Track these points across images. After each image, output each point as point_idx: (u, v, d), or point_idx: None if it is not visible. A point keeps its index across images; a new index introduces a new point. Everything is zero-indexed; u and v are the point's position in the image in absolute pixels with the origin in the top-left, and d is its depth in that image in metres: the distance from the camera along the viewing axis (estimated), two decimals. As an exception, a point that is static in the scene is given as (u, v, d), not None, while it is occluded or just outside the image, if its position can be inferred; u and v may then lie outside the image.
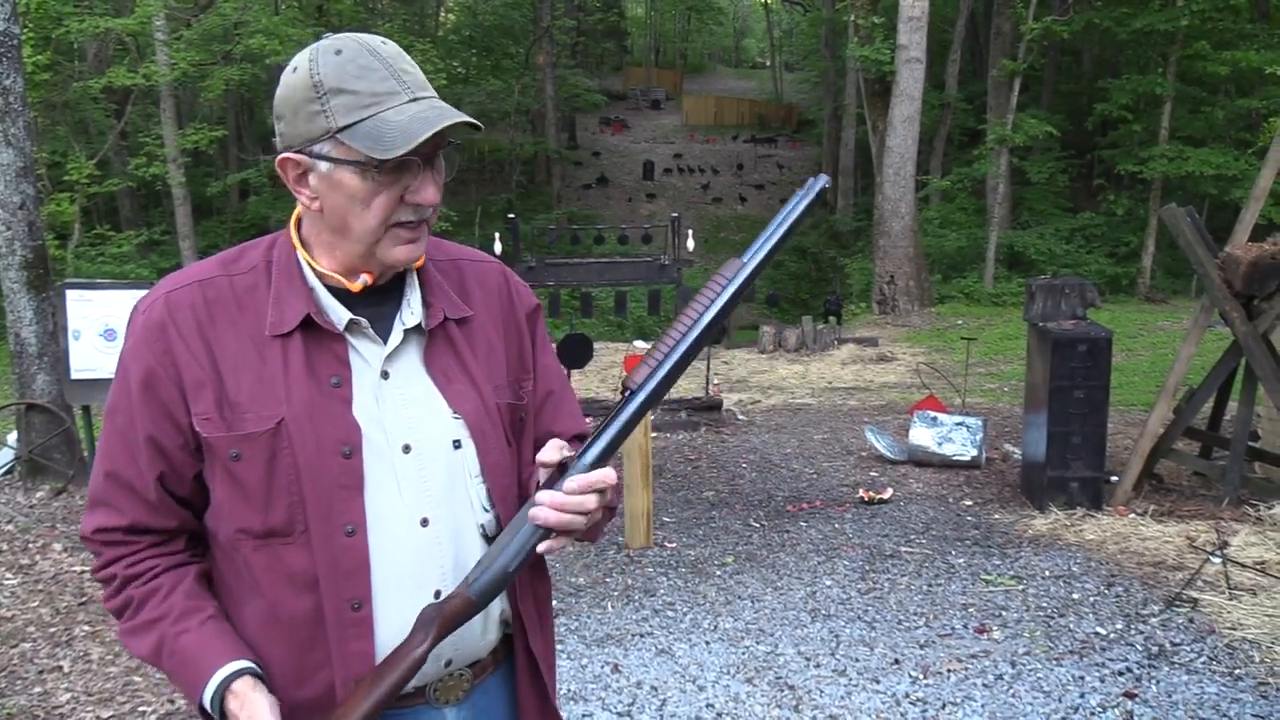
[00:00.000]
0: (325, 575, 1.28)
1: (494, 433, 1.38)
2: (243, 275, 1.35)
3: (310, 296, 1.32)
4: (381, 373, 1.34)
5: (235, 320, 1.31)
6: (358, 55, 1.25)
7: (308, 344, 1.31)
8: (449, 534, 1.34)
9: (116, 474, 1.33)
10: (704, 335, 1.26)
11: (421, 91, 1.26)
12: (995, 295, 18.73)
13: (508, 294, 1.50)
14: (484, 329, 1.45)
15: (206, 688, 1.27)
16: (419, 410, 1.35)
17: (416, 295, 1.39)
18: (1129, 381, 10.53)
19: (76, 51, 19.13)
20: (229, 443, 1.27)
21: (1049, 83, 24.22)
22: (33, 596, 4.80)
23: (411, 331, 1.37)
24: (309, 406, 1.28)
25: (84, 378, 6.22)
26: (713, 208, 30.39)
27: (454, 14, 34.40)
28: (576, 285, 16.38)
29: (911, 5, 17.03)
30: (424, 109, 1.23)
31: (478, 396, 1.39)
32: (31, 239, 6.38)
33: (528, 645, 1.45)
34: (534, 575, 1.48)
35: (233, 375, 1.29)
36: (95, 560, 1.39)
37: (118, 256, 16.71)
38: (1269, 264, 5.47)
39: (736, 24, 58.26)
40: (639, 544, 5.49)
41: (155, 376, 1.29)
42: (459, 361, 1.40)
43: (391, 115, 1.22)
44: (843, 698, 3.69)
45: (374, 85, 1.23)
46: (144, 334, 1.31)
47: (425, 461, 1.34)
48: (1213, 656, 3.92)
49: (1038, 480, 5.95)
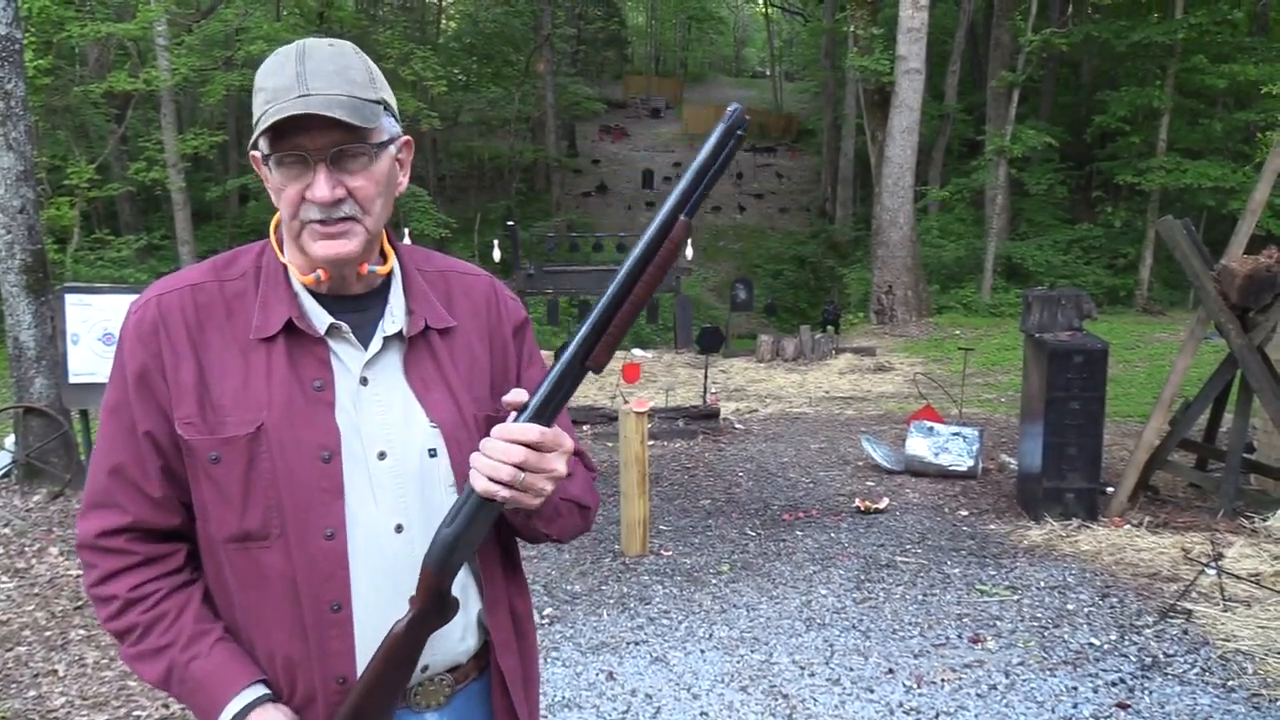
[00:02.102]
0: (304, 578, 1.30)
1: (470, 443, 1.38)
2: (233, 281, 1.37)
3: (294, 301, 1.34)
4: (360, 379, 1.36)
5: (223, 326, 1.34)
6: (283, 55, 1.29)
7: (291, 348, 1.33)
8: (422, 541, 1.34)
9: (121, 469, 1.34)
10: (634, 278, 1.19)
11: (324, 89, 1.25)
12: (993, 306, 18.75)
13: (495, 306, 1.51)
14: (467, 340, 1.45)
15: (222, 716, 1.30)
16: (395, 417, 1.36)
17: (400, 303, 1.40)
18: (1125, 393, 10.54)
19: (78, 56, 19.18)
20: (209, 446, 1.29)
21: (1048, 94, 24.29)
22: (28, 600, 4.80)
23: (392, 339, 1.39)
24: (289, 410, 1.30)
25: (82, 382, 6.22)
26: (711, 216, 30.42)
27: (455, 21, 34.50)
28: (575, 293, 16.42)
29: (911, 16, 17.08)
30: (294, 103, 1.23)
31: (455, 406, 1.40)
32: (31, 243, 6.39)
33: (498, 660, 1.45)
34: (510, 589, 1.48)
35: (218, 380, 1.31)
36: (90, 573, 1.37)
37: (117, 261, 16.72)
38: (1265, 276, 5.49)
39: (737, 33, 58.38)
40: (635, 552, 5.50)
41: (150, 374, 1.31)
42: (438, 370, 1.41)
43: (273, 110, 1.24)
44: (837, 707, 3.69)
45: (277, 82, 1.26)
46: (136, 334, 1.33)
47: (400, 468, 1.35)
48: (1206, 668, 3.93)
49: (1033, 491, 5.96)
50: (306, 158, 1.26)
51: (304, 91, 1.24)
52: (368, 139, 1.29)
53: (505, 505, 1.25)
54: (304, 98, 1.24)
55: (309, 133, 1.25)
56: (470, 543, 1.27)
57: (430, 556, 1.27)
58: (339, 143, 1.26)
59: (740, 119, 1.15)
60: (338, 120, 1.24)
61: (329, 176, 1.27)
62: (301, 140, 1.25)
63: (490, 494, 1.22)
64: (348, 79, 1.28)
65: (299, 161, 1.26)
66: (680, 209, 1.18)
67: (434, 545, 1.27)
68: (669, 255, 1.19)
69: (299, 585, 1.30)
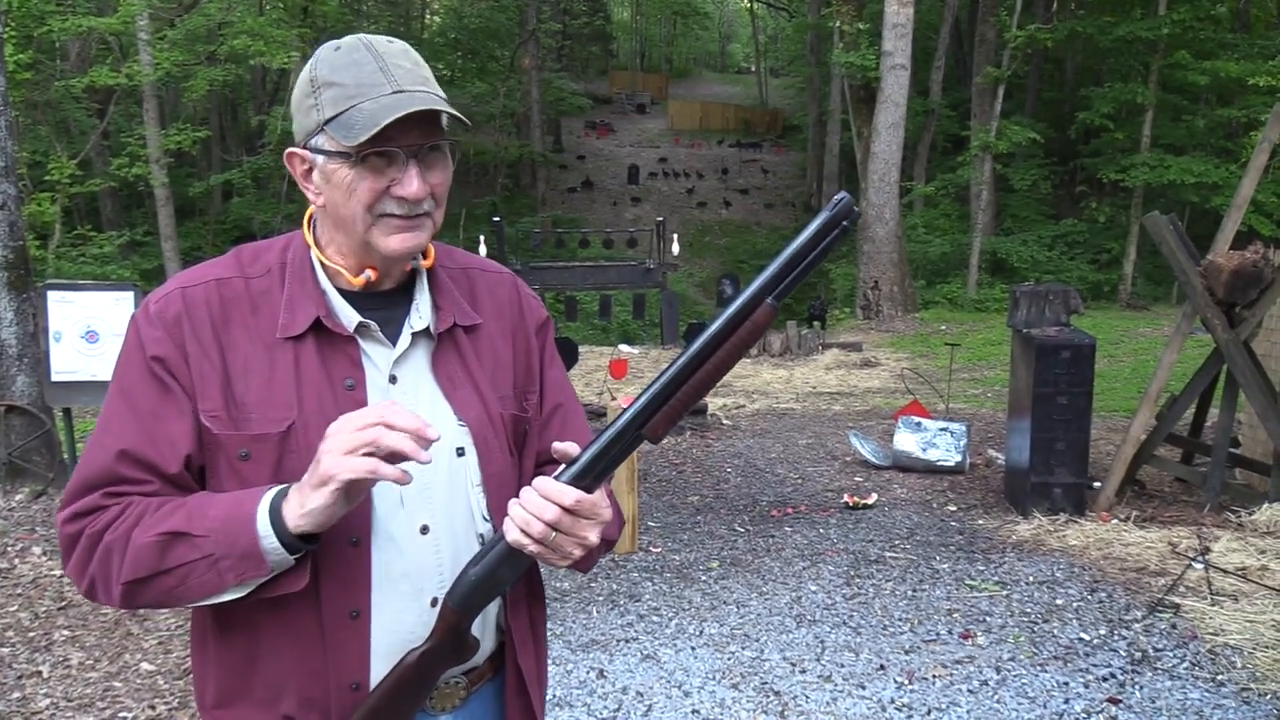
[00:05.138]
0: (326, 585, 1.27)
1: (497, 442, 1.37)
2: (259, 278, 1.33)
3: (322, 299, 1.31)
4: (390, 377, 1.33)
5: (248, 323, 1.30)
6: (353, 50, 1.26)
7: (320, 347, 1.30)
8: (448, 541, 1.33)
9: (132, 450, 1.24)
10: (705, 355, 1.15)
11: (412, 85, 1.24)
12: (979, 301, 18.83)
13: (518, 305, 1.49)
14: (492, 338, 1.43)
15: (260, 507, 1.19)
16: (424, 415, 1.33)
17: (426, 299, 1.38)
18: (1111, 388, 10.60)
19: (59, 50, 19.00)
20: (239, 442, 1.26)
21: (1032, 90, 24.41)
22: (11, 601, 4.75)
23: (420, 335, 1.36)
24: (321, 411, 1.26)
25: (65, 380, 6.16)
26: (697, 212, 30.44)
27: (439, 17, 34.40)
28: (561, 289, 16.42)
29: (896, 12, 17.12)
30: (399, 99, 1.22)
31: (482, 405, 1.38)
32: (12, 239, 6.32)
33: (517, 659, 1.44)
34: (529, 599, 1.47)
35: (241, 377, 1.27)
36: (67, 539, 1.25)
37: (99, 257, 16.60)
38: (1251, 272, 5.51)
39: (722, 29, 58.40)
40: (624, 549, 5.48)
41: (172, 361, 1.26)
42: (465, 368, 1.38)
43: (368, 105, 1.22)
44: (828, 703, 3.69)
45: (360, 77, 1.23)
46: (160, 323, 1.28)
47: (428, 468, 1.31)
48: (1195, 662, 3.94)
49: (1021, 486, 5.97)
50: (396, 154, 1.24)
51: (398, 87, 1.23)
52: (446, 134, 1.29)
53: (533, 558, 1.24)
54: (404, 94, 1.22)
55: (403, 128, 1.22)
56: (496, 586, 1.25)
57: (454, 595, 1.25)
58: (428, 139, 1.26)
59: (848, 209, 1.10)
60: (430, 116, 1.23)
61: (420, 172, 1.26)
62: (395, 135, 1.22)
63: (519, 545, 1.20)
64: (423, 75, 1.27)
65: (384, 157, 1.24)
66: (768, 292, 1.12)
67: (459, 583, 1.25)
68: (747, 337, 1.14)
69: (320, 592, 1.27)
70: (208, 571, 1.19)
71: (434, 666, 1.28)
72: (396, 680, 1.26)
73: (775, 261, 1.12)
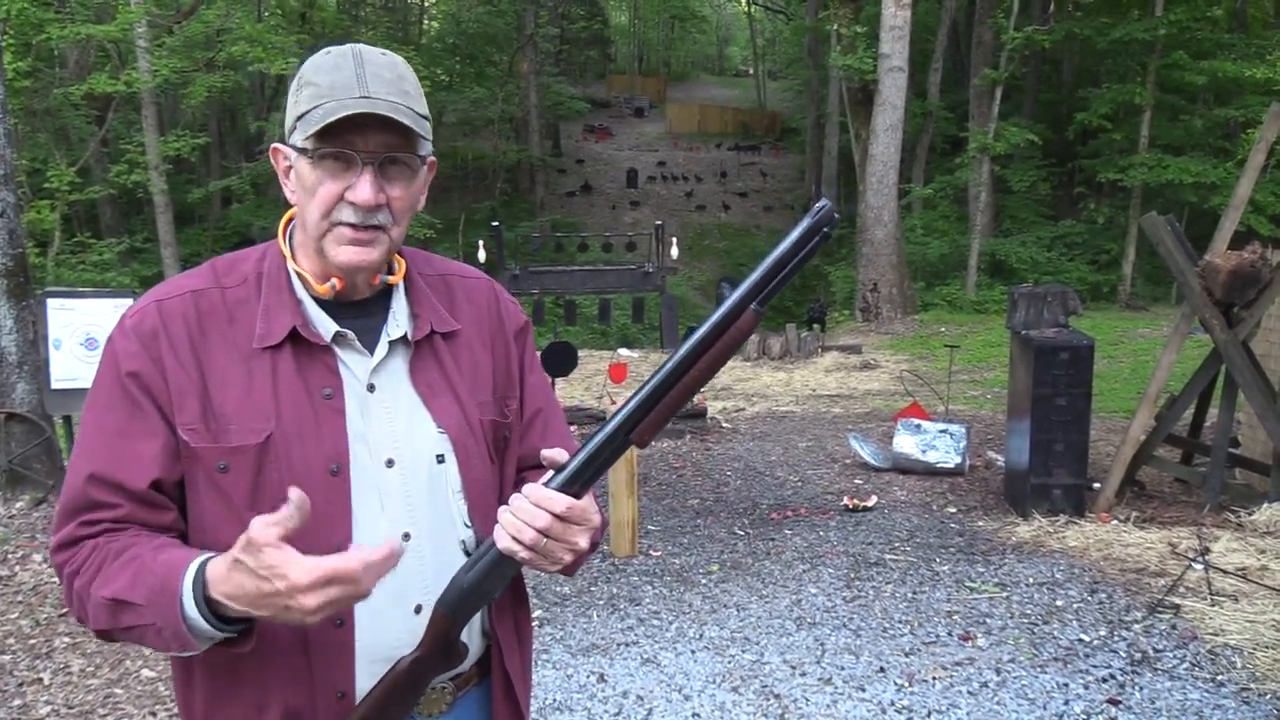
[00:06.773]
0: None
1: (477, 449, 1.37)
2: (235, 288, 1.33)
3: (298, 309, 1.32)
4: (368, 385, 1.33)
5: (225, 333, 1.30)
6: (340, 56, 1.28)
7: (298, 356, 1.30)
8: (430, 549, 1.33)
9: (103, 474, 1.25)
10: (691, 361, 1.16)
11: (383, 94, 1.24)
12: (978, 303, 18.83)
13: (496, 310, 1.50)
14: (471, 344, 1.43)
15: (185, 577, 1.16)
16: (403, 423, 1.34)
17: (403, 307, 1.38)
18: (1110, 389, 10.60)
19: (57, 58, 19.04)
20: (217, 454, 1.26)
21: (1030, 91, 24.41)
22: (12, 608, 4.75)
23: (397, 343, 1.36)
24: (299, 421, 1.27)
25: (64, 387, 6.16)
26: (696, 215, 30.43)
27: (437, 21, 34.41)
28: (560, 293, 16.36)
29: (894, 14, 17.13)
30: (360, 102, 1.22)
31: (461, 411, 1.38)
32: (12, 247, 6.32)
33: (504, 663, 1.45)
34: (514, 601, 1.48)
35: (219, 389, 1.27)
36: (65, 573, 1.26)
37: (99, 264, 16.62)
38: (1249, 272, 5.51)
39: (720, 32, 58.40)
40: (624, 552, 5.49)
41: (148, 377, 1.26)
42: (444, 375, 1.39)
43: (330, 105, 1.23)
44: (829, 706, 3.69)
45: (335, 80, 1.24)
46: (136, 338, 1.28)
47: (408, 476, 1.33)
48: (1195, 663, 3.94)
49: (1021, 487, 5.98)
50: (354, 158, 1.24)
51: (366, 93, 1.23)
52: (415, 150, 1.28)
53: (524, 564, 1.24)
54: (368, 99, 1.23)
55: (363, 134, 1.23)
56: (487, 593, 1.26)
57: (445, 600, 1.26)
58: (391, 148, 1.26)
59: (829, 216, 1.12)
60: (392, 126, 1.23)
61: (374, 180, 1.26)
62: (354, 140, 1.23)
63: (510, 552, 1.21)
64: (403, 89, 1.27)
65: (344, 160, 1.25)
66: (752, 298, 1.14)
67: (450, 589, 1.25)
68: (732, 343, 1.15)
69: None
70: (156, 638, 1.19)
71: (425, 674, 1.28)
72: (387, 688, 1.26)
73: (758, 269, 1.14)
